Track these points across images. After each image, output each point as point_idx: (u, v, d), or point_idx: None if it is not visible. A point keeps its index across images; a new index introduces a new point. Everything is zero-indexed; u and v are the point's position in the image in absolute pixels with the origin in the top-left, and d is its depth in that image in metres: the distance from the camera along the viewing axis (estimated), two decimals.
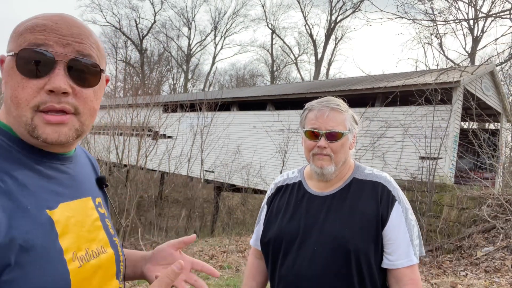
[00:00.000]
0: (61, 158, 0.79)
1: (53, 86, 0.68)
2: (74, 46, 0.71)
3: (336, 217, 1.28)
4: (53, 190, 0.73)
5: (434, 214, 7.58)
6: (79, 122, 0.73)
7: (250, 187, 12.39)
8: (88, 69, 0.73)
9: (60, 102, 0.69)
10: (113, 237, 0.85)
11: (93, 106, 0.76)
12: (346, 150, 1.33)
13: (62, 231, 0.70)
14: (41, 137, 0.69)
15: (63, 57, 0.70)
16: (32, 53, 0.68)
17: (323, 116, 1.29)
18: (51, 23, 0.70)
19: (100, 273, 0.77)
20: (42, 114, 0.69)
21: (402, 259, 1.24)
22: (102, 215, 0.85)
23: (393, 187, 1.32)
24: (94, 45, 0.75)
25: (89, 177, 0.89)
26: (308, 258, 1.26)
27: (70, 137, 0.72)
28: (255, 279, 1.52)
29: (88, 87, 0.74)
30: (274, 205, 1.44)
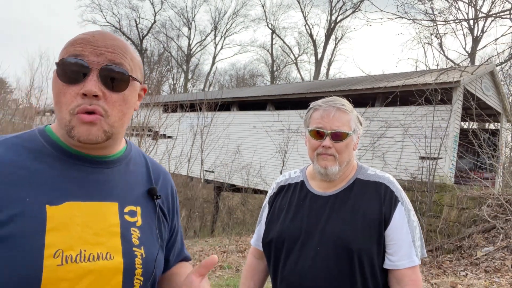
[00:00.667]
0: (95, 161, 0.85)
1: (86, 89, 0.76)
2: (107, 55, 0.79)
3: (338, 217, 1.27)
4: (65, 188, 0.78)
5: (434, 214, 7.58)
6: (108, 124, 0.80)
7: (250, 187, 12.39)
8: (117, 75, 0.80)
9: (91, 104, 0.77)
10: (133, 246, 0.83)
11: (122, 110, 0.82)
12: (350, 150, 1.33)
13: (52, 227, 0.73)
14: (75, 136, 0.78)
15: (96, 65, 0.78)
16: (69, 62, 0.77)
17: (329, 116, 1.29)
18: (89, 37, 0.80)
19: (90, 279, 0.75)
20: (77, 115, 0.77)
21: (403, 260, 1.23)
22: (129, 223, 0.85)
23: (396, 188, 1.32)
24: (127, 55, 0.83)
25: (131, 185, 0.90)
26: (311, 258, 1.25)
27: (99, 137, 0.79)
28: (253, 279, 1.51)
29: (118, 92, 0.81)
30: (276, 205, 1.43)
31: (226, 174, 12.81)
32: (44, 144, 0.82)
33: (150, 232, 0.89)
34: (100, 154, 0.86)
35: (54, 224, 0.73)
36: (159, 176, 1.00)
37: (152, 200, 0.93)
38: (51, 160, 0.80)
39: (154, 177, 0.98)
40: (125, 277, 0.80)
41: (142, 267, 0.84)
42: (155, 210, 0.93)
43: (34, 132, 0.85)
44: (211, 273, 5.92)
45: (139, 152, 1.00)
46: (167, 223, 0.98)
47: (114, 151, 0.89)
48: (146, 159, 1.00)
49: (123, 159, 0.92)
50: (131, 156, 0.95)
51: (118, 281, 0.79)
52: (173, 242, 1.03)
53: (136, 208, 0.88)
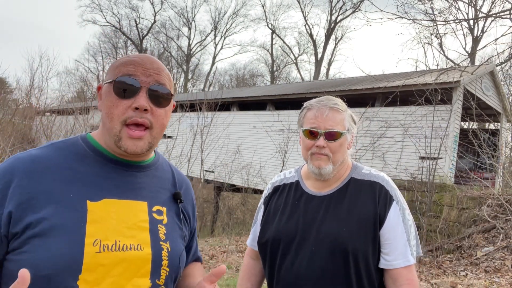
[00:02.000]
0: (129, 166, 0.98)
1: (139, 104, 0.90)
2: (154, 76, 0.94)
3: (334, 217, 1.27)
4: (104, 187, 0.91)
5: (434, 214, 7.58)
6: (151, 136, 0.94)
7: (250, 187, 12.39)
8: (162, 94, 0.95)
9: (141, 117, 0.91)
10: (160, 241, 0.94)
11: (163, 123, 0.97)
12: (344, 150, 1.32)
13: (92, 219, 0.85)
14: (123, 147, 0.91)
15: (146, 84, 0.93)
16: (124, 80, 0.92)
17: (322, 116, 1.28)
18: (139, 60, 0.95)
19: (123, 266, 0.86)
20: (127, 129, 0.91)
21: (399, 259, 1.23)
22: (157, 220, 0.97)
23: (391, 187, 1.31)
24: (167, 77, 0.98)
25: (158, 188, 1.03)
26: (307, 258, 1.25)
27: (144, 149, 0.94)
28: (250, 280, 1.50)
29: (161, 108, 0.95)
30: (271, 205, 1.43)
31: (226, 174, 12.81)
32: (86, 148, 0.96)
33: (174, 230, 1.01)
34: (134, 160, 0.99)
35: (93, 217, 0.86)
36: (182, 183, 1.13)
37: (176, 203, 1.06)
38: (92, 162, 0.93)
39: (178, 183, 1.11)
40: (153, 267, 0.91)
41: (168, 259, 0.94)
42: (178, 212, 1.05)
43: (77, 138, 0.99)
44: None
45: (166, 161, 1.15)
46: (188, 225, 1.09)
47: (146, 158, 1.03)
48: (172, 168, 1.14)
49: (152, 165, 1.05)
50: (159, 163, 1.08)
51: (147, 269, 0.90)
52: (191, 243, 1.15)
53: (163, 208, 1.00)
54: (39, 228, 0.80)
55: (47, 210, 0.82)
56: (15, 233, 0.81)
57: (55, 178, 0.87)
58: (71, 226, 0.83)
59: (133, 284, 0.87)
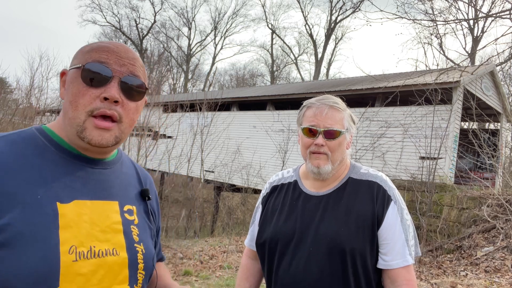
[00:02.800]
0: (95, 163, 0.89)
1: (109, 94, 0.82)
2: (128, 67, 0.87)
3: (331, 217, 1.26)
4: (73, 187, 0.82)
5: (434, 214, 7.58)
6: (120, 130, 0.86)
7: (250, 187, 12.38)
8: (136, 86, 0.87)
9: (111, 109, 0.83)
10: (134, 243, 0.88)
11: (133, 118, 0.89)
12: (343, 149, 1.32)
13: (65, 224, 0.76)
14: (87, 138, 0.82)
15: (119, 74, 0.85)
16: (95, 66, 0.83)
17: (322, 114, 1.28)
18: (113, 47, 0.87)
19: (101, 273, 0.79)
20: (93, 119, 0.82)
21: (397, 259, 1.22)
22: (129, 221, 0.90)
23: (389, 186, 1.30)
24: (142, 69, 0.91)
25: (125, 186, 0.96)
26: (304, 259, 1.24)
27: (110, 142, 0.85)
28: (248, 280, 1.50)
29: (133, 101, 0.88)
30: (269, 205, 1.42)
31: (226, 174, 12.80)
32: (46, 143, 0.84)
33: (145, 231, 0.95)
34: (99, 157, 0.91)
35: (65, 221, 0.77)
36: (146, 179, 1.06)
37: (144, 201, 1.00)
38: (55, 159, 0.83)
39: (143, 180, 1.04)
40: (130, 271, 0.86)
41: (144, 262, 0.89)
42: (147, 210, 0.99)
43: (32, 130, 0.87)
44: (211, 273, 5.93)
45: (127, 156, 1.06)
46: (154, 223, 1.03)
47: (111, 154, 0.95)
48: (134, 163, 1.07)
49: (117, 162, 0.97)
50: (122, 159, 1.01)
51: (125, 275, 0.84)
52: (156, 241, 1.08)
53: (133, 208, 0.94)
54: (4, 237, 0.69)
55: (11, 215, 0.71)
56: None
57: (16, 177, 0.75)
58: (42, 233, 0.72)
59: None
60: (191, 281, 5.36)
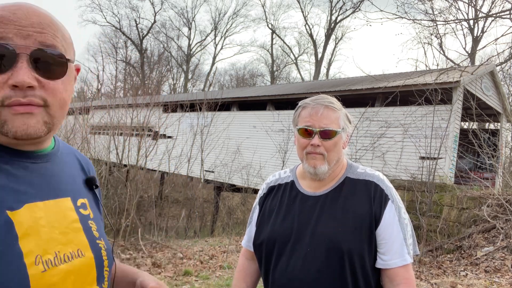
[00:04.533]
0: (33, 156, 0.75)
1: (16, 80, 0.65)
2: (36, 36, 0.67)
3: (329, 217, 1.26)
4: (18, 189, 0.69)
5: (434, 214, 7.58)
6: (48, 114, 0.70)
7: (250, 187, 12.38)
8: (53, 60, 0.69)
9: (26, 96, 0.66)
10: (96, 239, 0.80)
11: (63, 98, 0.72)
12: (339, 149, 1.31)
13: (24, 233, 0.66)
14: (10, 131, 0.67)
15: (24, 50, 0.66)
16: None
17: (317, 114, 1.28)
18: (8, 13, 0.66)
19: (72, 278, 0.72)
20: (7, 108, 0.66)
21: (395, 258, 1.22)
22: (85, 216, 0.81)
23: (386, 186, 1.30)
24: (58, 33, 0.71)
25: (72, 177, 0.84)
26: (302, 259, 1.24)
27: (39, 130, 0.69)
28: (245, 280, 1.49)
29: (56, 79, 0.71)
30: (266, 205, 1.42)
31: (226, 174, 12.81)
32: None
33: (100, 223, 0.87)
34: (35, 148, 0.76)
35: (23, 229, 0.66)
36: (88, 165, 0.95)
37: (92, 190, 0.89)
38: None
39: (85, 167, 0.93)
40: (98, 271, 0.79)
41: (107, 258, 0.82)
42: (97, 201, 0.90)
43: None
44: (211, 273, 5.93)
45: (63, 143, 0.92)
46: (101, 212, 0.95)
47: (48, 144, 0.81)
48: (72, 150, 0.93)
49: (57, 152, 0.83)
50: (61, 148, 0.87)
51: (93, 276, 0.77)
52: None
53: (85, 201, 0.84)
54: None
55: None
56: None
57: None
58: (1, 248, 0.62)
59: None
60: (191, 281, 5.36)
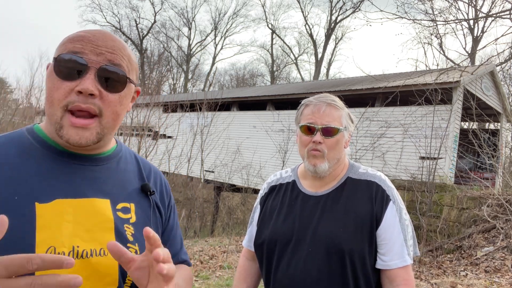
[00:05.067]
0: (84, 159, 0.84)
1: (82, 87, 0.76)
2: (106, 55, 0.79)
3: (330, 217, 1.26)
4: (55, 186, 0.77)
5: (434, 214, 7.58)
6: (101, 125, 0.80)
7: (250, 187, 12.39)
8: (116, 76, 0.80)
9: (86, 103, 0.77)
10: (127, 243, 0.82)
11: (116, 111, 0.82)
12: (341, 147, 1.31)
13: (43, 225, 0.72)
14: (64, 137, 0.77)
15: (95, 64, 0.78)
16: (68, 58, 0.77)
17: (320, 111, 1.27)
18: (90, 35, 0.80)
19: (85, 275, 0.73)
20: (69, 116, 0.77)
21: (396, 259, 1.22)
22: (122, 219, 0.84)
23: (388, 186, 1.30)
24: (126, 57, 0.83)
25: (121, 182, 0.89)
26: (303, 260, 1.23)
27: (90, 140, 0.79)
28: (246, 281, 1.48)
29: (114, 93, 0.81)
30: (267, 205, 1.41)
31: (226, 174, 12.81)
32: (32, 142, 0.81)
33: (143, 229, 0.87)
34: (90, 153, 0.85)
35: (44, 221, 0.73)
36: (150, 172, 1.00)
37: (147, 197, 0.93)
38: (39, 157, 0.79)
39: (145, 174, 0.97)
40: (120, 274, 0.79)
41: None
42: (150, 206, 0.92)
43: (22, 131, 0.85)
44: (211, 273, 5.93)
45: (129, 151, 1.00)
46: (161, 219, 0.96)
47: (104, 149, 0.89)
48: (137, 157, 1.00)
49: (113, 157, 0.91)
50: (121, 154, 0.94)
51: (114, 278, 0.78)
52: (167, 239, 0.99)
53: (130, 205, 0.87)
54: None
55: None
56: None
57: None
58: (18, 235, 0.69)
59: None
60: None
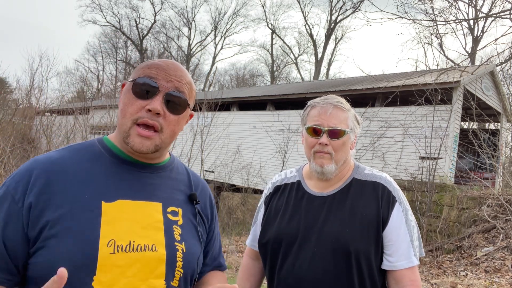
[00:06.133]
0: (143, 167, 0.99)
1: (152, 107, 0.92)
2: (175, 83, 0.96)
3: (336, 218, 1.26)
4: (119, 188, 0.92)
5: (434, 214, 7.58)
6: (160, 139, 0.95)
7: (250, 187, 12.39)
8: (178, 100, 0.96)
9: (152, 119, 0.92)
10: (175, 241, 0.95)
11: (174, 130, 0.97)
12: (347, 149, 1.31)
13: (107, 220, 0.86)
14: (130, 144, 0.92)
15: (164, 89, 0.94)
16: (145, 81, 0.94)
17: (326, 113, 1.27)
18: (163, 64, 0.97)
19: (138, 266, 0.86)
20: (136, 127, 0.92)
21: (402, 260, 1.22)
22: (171, 221, 0.97)
23: (394, 187, 1.30)
24: (188, 85, 0.99)
25: (172, 189, 1.03)
26: (308, 260, 1.23)
27: (150, 149, 0.93)
28: (249, 280, 1.49)
29: (175, 114, 0.96)
30: (272, 205, 1.41)
31: (226, 174, 12.81)
32: (101, 150, 0.98)
33: (190, 232, 1.01)
34: (148, 162, 1.01)
35: (108, 218, 0.87)
36: (198, 185, 1.13)
37: (192, 205, 1.06)
38: (106, 163, 0.95)
39: (194, 185, 1.11)
40: (167, 268, 0.91)
41: (183, 260, 0.95)
42: (195, 214, 1.05)
43: (94, 141, 1.01)
44: None
45: (181, 163, 1.16)
46: (205, 226, 1.09)
47: (160, 160, 1.04)
48: (187, 170, 1.15)
49: (167, 167, 1.06)
50: (173, 165, 1.09)
51: (161, 270, 0.90)
52: (210, 246, 1.13)
53: (178, 210, 1.01)
54: (56, 229, 0.82)
55: (63, 210, 0.84)
56: (34, 235, 0.82)
57: (71, 179, 0.89)
58: (86, 227, 0.84)
59: (148, 285, 0.88)
60: None
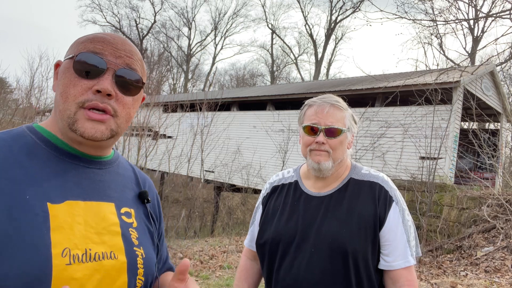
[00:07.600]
0: (89, 162, 0.85)
1: (101, 87, 0.78)
2: (125, 59, 0.83)
3: (333, 218, 1.26)
4: (64, 187, 0.77)
5: (434, 214, 7.58)
6: (115, 123, 0.82)
7: (250, 187, 12.39)
8: (132, 80, 0.83)
9: (103, 102, 0.79)
10: (134, 246, 0.84)
11: (129, 113, 0.85)
12: (344, 148, 1.31)
13: (57, 225, 0.71)
14: (79, 130, 0.77)
15: (114, 66, 0.80)
16: (89, 57, 0.79)
17: (323, 112, 1.28)
18: (109, 38, 0.83)
19: (97, 277, 0.74)
20: (85, 111, 0.78)
21: (399, 260, 1.22)
22: (127, 223, 0.86)
23: (390, 187, 1.30)
24: (140, 62, 0.87)
25: (122, 187, 0.91)
26: (306, 260, 1.24)
27: (105, 135, 0.80)
28: (247, 280, 1.49)
29: (129, 96, 0.84)
30: (269, 205, 1.41)
31: (226, 174, 12.81)
32: (36, 140, 0.80)
33: (145, 234, 0.91)
34: (95, 154, 0.86)
35: (57, 222, 0.72)
36: (145, 181, 1.02)
37: (143, 204, 0.95)
38: (44, 157, 0.78)
39: (142, 182, 0.99)
40: (129, 276, 0.81)
41: (144, 267, 0.84)
42: (146, 214, 0.95)
43: (22, 128, 0.82)
44: (211, 273, 5.93)
45: (123, 158, 1.02)
46: (156, 228, 0.98)
47: (107, 153, 0.91)
48: (132, 166, 1.03)
49: (113, 162, 0.93)
50: (119, 160, 0.96)
51: (123, 280, 0.79)
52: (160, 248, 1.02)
53: (131, 210, 0.89)
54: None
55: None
56: None
57: (2, 176, 0.70)
58: (31, 234, 0.67)
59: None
60: None
